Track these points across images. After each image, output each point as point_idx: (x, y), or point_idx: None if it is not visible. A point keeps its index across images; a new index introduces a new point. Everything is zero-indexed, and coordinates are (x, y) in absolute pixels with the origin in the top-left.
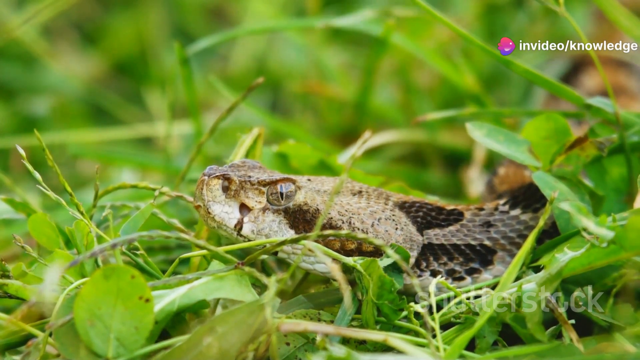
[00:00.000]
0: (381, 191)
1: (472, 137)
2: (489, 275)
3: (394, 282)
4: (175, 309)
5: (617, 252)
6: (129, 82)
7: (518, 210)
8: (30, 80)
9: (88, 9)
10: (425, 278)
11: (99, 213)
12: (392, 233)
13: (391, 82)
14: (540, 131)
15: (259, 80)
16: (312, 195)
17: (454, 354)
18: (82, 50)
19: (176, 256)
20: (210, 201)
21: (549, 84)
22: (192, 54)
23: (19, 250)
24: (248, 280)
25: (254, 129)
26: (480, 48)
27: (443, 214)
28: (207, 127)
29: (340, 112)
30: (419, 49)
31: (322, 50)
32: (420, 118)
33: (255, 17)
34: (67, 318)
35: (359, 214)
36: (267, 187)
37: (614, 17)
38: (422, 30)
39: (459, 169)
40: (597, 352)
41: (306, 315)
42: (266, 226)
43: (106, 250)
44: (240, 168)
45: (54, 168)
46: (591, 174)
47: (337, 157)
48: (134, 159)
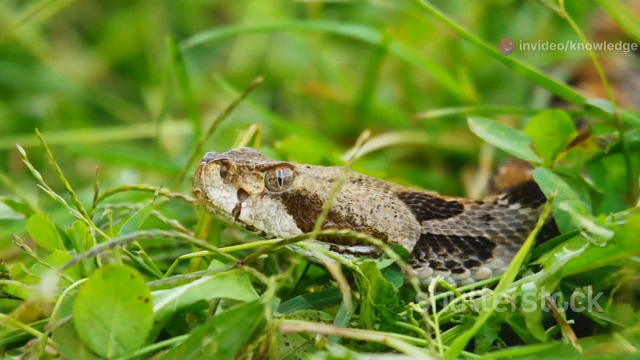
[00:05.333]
0: (381, 181)
1: (474, 137)
2: (488, 268)
3: (393, 286)
4: (174, 309)
5: (616, 252)
6: (129, 82)
7: (517, 204)
8: (29, 80)
9: (88, 9)
10: (425, 269)
11: (98, 214)
12: (391, 220)
13: (392, 83)
14: (544, 127)
15: (259, 80)
16: (311, 181)
17: (453, 354)
18: (82, 51)
19: (176, 256)
20: (208, 186)
21: (550, 83)
22: (190, 52)
23: (19, 251)
24: (248, 280)
25: (252, 126)
26: (482, 48)
27: (443, 206)
28: (207, 127)
29: (340, 113)
30: (417, 59)
31: (322, 50)
32: (421, 115)
33: (255, 17)
34: (67, 318)
35: (358, 201)
36: (265, 173)
37: (616, 15)
38: (423, 32)
39: (460, 170)
40: (597, 352)
41: (305, 316)
42: (264, 211)
43: (105, 249)
44: (239, 155)
45: (54, 167)
46: (591, 172)
47: (339, 156)
48: (133, 159)
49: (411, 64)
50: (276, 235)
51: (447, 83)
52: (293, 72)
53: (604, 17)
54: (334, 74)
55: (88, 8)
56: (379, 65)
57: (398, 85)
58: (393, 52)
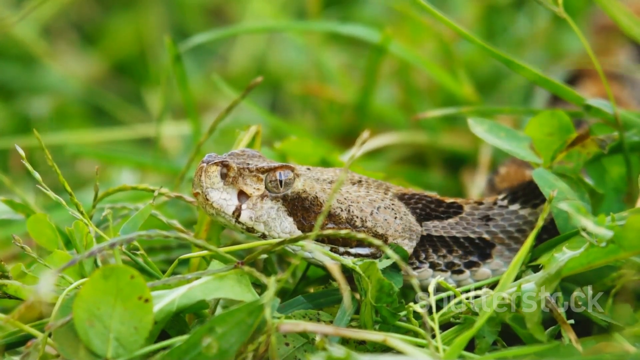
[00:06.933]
0: (381, 182)
1: (473, 137)
2: (488, 269)
3: (393, 286)
4: (174, 309)
5: (616, 252)
6: (129, 83)
7: (517, 205)
8: (29, 80)
9: (87, 9)
10: (424, 270)
11: (98, 214)
12: (391, 222)
13: (391, 83)
14: (544, 127)
15: (258, 80)
16: (311, 183)
17: (453, 354)
18: (82, 51)
19: (176, 256)
20: (208, 188)
21: (550, 83)
22: (189, 52)
23: (19, 251)
24: (248, 280)
25: (252, 127)
26: (482, 48)
27: (442, 207)
28: (207, 127)
29: (340, 113)
30: (417, 59)
31: (322, 50)
32: (420, 115)
33: (255, 17)
34: (67, 318)
35: (358, 202)
36: (265, 174)
37: (614, 14)
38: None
39: (459, 170)
40: (597, 352)
41: (305, 316)
42: (264, 213)
43: (104, 249)
44: (239, 156)
45: (53, 168)
46: (591, 172)
47: (339, 156)
48: (133, 159)
49: (411, 63)
50: (276, 237)
51: (447, 83)
52: (293, 73)
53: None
54: (334, 74)
55: (88, 8)
56: (378, 65)
57: (397, 85)
58: (392, 51)
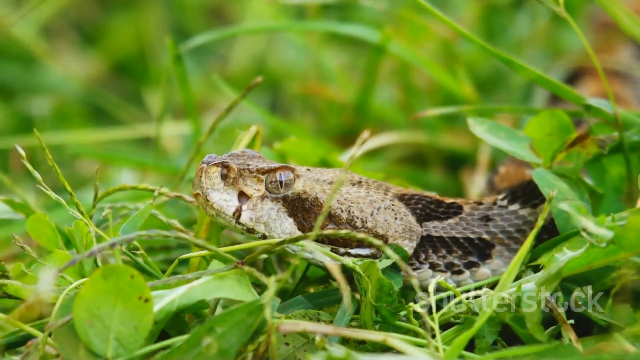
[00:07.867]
0: (381, 183)
1: (473, 137)
2: (487, 269)
3: (393, 285)
4: (174, 309)
5: (616, 252)
6: (129, 83)
7: (517, 205)
8: (29, 80)
9: (87, 9)
10: (424, 270)
11: (98, 214)
12: (392, 222)
13: (391, 83)
14: (544, 127)
15: (258, 80)
16: (311, 184)
17: (453, 354)
18: (82, 51)
19: (176, 256)
20: (209, 189)
21: (550, 83)
22: (190, 52)
23: (19, 251)
24: (248, 280)
25: (252, 127)
26: (482, 47)
27: (442, 207)
28: (207, 127)
29: (340, 113)
30: (416, 58)
31: (322, 50)
32: (420, 114)
33: (255, 18)
34: (67, 318)
35: (359, 203)
36: (265, 175)
37: (614, 13)
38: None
39: (459, 170)
40: (597, 352)
41: (305, 316)
42: (265, 214)
43: (104, 249)
44: (239, 157)
45: (53, 168)
46: (591, 172)
47: (338, 156)
48: (133, 159)
49: (410, 63)
50: (276, 238)
51: (447, 83)
52: (292, 73)
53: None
54: (333, 74)
55: (88, 8)
56: (378, 65)
57: (397, 85)
58: (392, 51)
